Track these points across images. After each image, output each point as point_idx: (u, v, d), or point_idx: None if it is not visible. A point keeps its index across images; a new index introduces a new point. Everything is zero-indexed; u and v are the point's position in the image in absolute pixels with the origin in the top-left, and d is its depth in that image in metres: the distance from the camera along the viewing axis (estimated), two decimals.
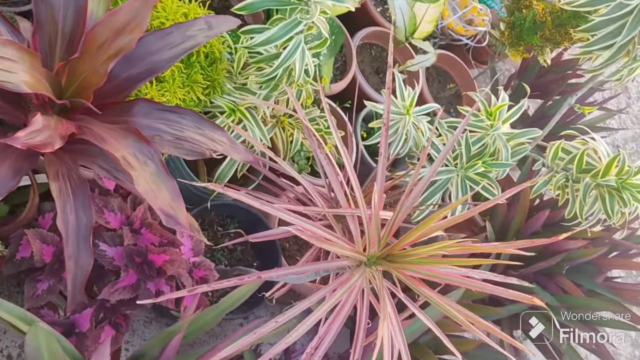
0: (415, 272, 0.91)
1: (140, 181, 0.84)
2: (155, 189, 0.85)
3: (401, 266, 0.91)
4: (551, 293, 1.73)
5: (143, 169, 0.85)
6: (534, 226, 1.73)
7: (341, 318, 0.89)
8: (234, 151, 1.03)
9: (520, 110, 1.47)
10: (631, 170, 1.34)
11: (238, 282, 0.85)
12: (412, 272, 0.91)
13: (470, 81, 2.26)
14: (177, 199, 0.88)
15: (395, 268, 0.92)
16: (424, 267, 0.91)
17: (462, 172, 1.45)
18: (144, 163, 0.86)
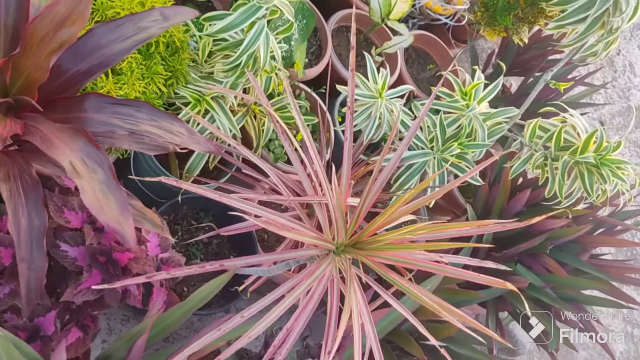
0: (383, 258, 0.88)
1: (87, 191, 0.80)
2: (102, 200, 0.81)
3: (369, 253, 0.88)
4: (536, 273, 1.71)
5: (91, 177, 0.81)
6: (516, 207, 1.70)
7: (309, 309, 0.86)
8: (194, 142, 0.99)
9: (496, 89, 1.44)
10: (609, 145, 1.31)
11: (199, 270, 0.81)
12: (380, 259, 0.88)
13: (451, 61, 2.22)
14: (125, 212, 0.83)
15: (364, 255, 0.88)
16: (391, 253, 0.88)
17: (438, 154, 1.42)
18: (93, 170, 0.82)
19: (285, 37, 1.55)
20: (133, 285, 1.09)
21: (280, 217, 0.84)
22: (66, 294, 1.03)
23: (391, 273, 0.88)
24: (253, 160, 1.27)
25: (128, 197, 1.02)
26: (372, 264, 0.88)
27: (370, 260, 0.88)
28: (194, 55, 1.35)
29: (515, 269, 1.70)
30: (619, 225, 1.82)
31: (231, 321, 0.81)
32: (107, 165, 0.84)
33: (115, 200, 0.86)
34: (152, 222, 1.03)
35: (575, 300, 1.75)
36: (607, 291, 1.72)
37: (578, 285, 1.69)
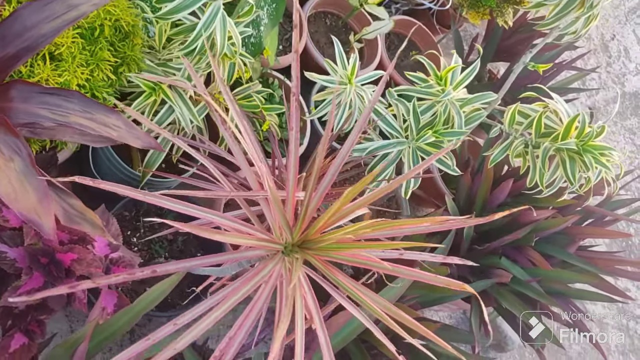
0: (331, 257, 0.80)
1: (2, 180, 0.73)
2: (18, 190, 0.74)
3: (317, 253, 0.81)
4: (522, 267, 1.63)
5: (7, 165, 0.74)
6: (499, 197, 1.62)
7: (254, 314, 0.79)
8: (132, 136, 0.92)
9: (473, 73, 1.36)
10: (592, 131, 1.23)
11: (128, 278, 0.74)
12: (329, 258, 0.81)
13: (434, 47, 2.13)
14: (45, 201, 0.77)
15: (312, 255, 0.81)
16: (337, 253, 0.80)
17: (413, 143, 1.34)
18: (9, 159, 0.75)
19: (253, 22, 1.47)
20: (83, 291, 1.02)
21: (217, 216, 0.77)
22: (3, 298, 0.96)
23: (339, 275, 0.80)
24: (218, 153, 1.21)
25: (66, 196, 0.95)
26: (319, 265, 0.80)
27: (318, 260, 0.80)
28: (151, 42, 1.27)
29: (499, 262, 1.63)
30: (608, 216, 1.74)
31: (162, 330, 0.73)
32: (25, 153, 0.77)
33: (34, 189, 0.79)
34: (91, 224, 0.95)
35: (563, 294, 1.67)
36: (596, 284, 1.64)
37: (565, 279, 1.61)
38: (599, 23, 3.39)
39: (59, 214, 0.93)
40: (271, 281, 0.80)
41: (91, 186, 1.43)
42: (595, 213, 1.76)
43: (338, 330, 1.27)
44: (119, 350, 1.39)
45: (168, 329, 0.74)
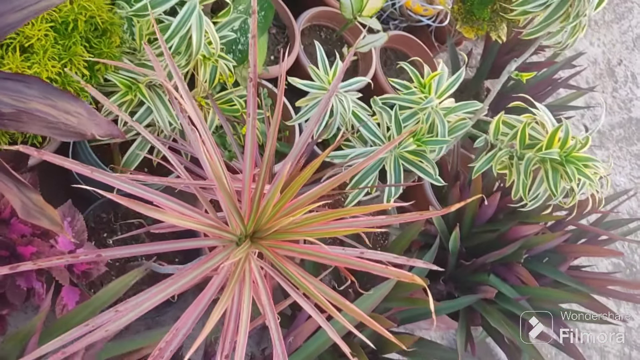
0: (284, 249, 0.78)
1: None
2: None
3: (270, 244, 0.78)
4: (511, 285, 1.59)
5: None
6: (487, 212, 1.59)
7: (197, 312, 0.76)
8: (93, 124, 0.90)
9: (458, 81, 1.34)
10: (576, 142, 1.20)
11: (71, 260, 0.72)
12: (282, 251, 0.78)
13: (431, 62, 2.12)
14: None
15: (265, 246, 0.78)
16: (291, 244, 0.78)
17: (396, 151, 1.31)
18: None
19: (240, 29, 1.47)
20: (38, 282, 1.00)
21: (169, 201, 0.75)
22: None
23: (289, 265, 0.77)
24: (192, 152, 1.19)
25: (26, 189, 0.94)
26: (269, 255, 0.77)
27: (269, 251, 0.77)
28: (134, 44, 1.27)
29: (488, 279, 1.58)
30: (603, 235, 1.70)
31: (103, 316, 0.71)
32: None
33: None
34: (50, 219, 0.93)
35: (553, 314, 1.62)
36: (587, 304, 1.59)
37: (555, 298, 1.56)
38: (606, 48, 3.37)
39: (18, 207, 0.92)
40: (222, 272, 0.77)
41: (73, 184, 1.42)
42: (589, 232, 1.71)
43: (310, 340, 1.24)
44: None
45: (109, 315, 0.72)
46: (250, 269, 0.76)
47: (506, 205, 1.66)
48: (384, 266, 0.78)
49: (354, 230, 0.79)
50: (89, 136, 0.97)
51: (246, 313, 0.74)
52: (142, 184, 0.82)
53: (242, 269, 0.76)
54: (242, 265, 0.76)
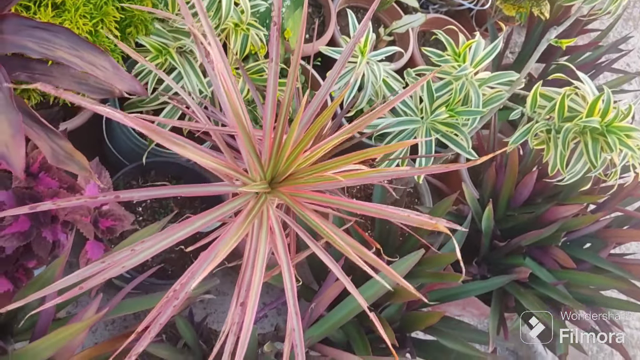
0: (303, 197, 0.76)
1: None
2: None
3: (291, 191, 0.76)
4: (548, 269, 1.53)
5: None
6: (524, 193, 1.53)
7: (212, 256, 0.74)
8: (118, 79, 0.91)
9: (495, 50, 1.29)
10: (617, 111, 1.14)
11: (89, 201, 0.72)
12: (300, 198, 0.76)
13: None
14: (17, 136, 0.77)
15: (286, 193, 0.76)
16: (309, 191, 0.75)
17: (427, 122, 1.28)
18: None
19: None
20: (63, 234, 1.01)
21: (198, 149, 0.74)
22: None
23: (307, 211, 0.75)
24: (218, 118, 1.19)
25: (55, 137, 0.95)
26: (288, 200, 0.75)
27: (287, 196, 0.75)
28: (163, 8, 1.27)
29: (523, 263, 1.53)
30: None
31: (120, 254, 0.70)
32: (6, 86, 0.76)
33: (9, 122, 0.78)
34: (79, 165, 0.94)
35: (593, 302, 1.55)
36: (628, 292, 1.52)
37: (594, 283, 1.50)
38: None
39: (47, 153, 0.93)
40: (240, 218, 0.76)
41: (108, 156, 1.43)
42: (634, 218, 1.64)
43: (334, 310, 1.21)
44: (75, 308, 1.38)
45: (126, 253, 0.71)
46: (268, 216, 0.75)
47: (544, 188, 1.60)
48: (406, 214, 0.75)
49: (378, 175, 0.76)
50: (116, 93, 0.98)
51: (261, 259, 0.72)
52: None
53: (260, 214, 0.74)
54: (260, 210, 0.74)
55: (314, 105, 0.81)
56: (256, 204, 0.73)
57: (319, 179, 0.73)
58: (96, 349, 0.92)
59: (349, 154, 0.75)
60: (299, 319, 0.75)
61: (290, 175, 0.76)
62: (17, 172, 0.77)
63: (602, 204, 1.58)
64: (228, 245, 0.68)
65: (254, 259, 0.73)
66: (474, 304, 1.67)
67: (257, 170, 0.76)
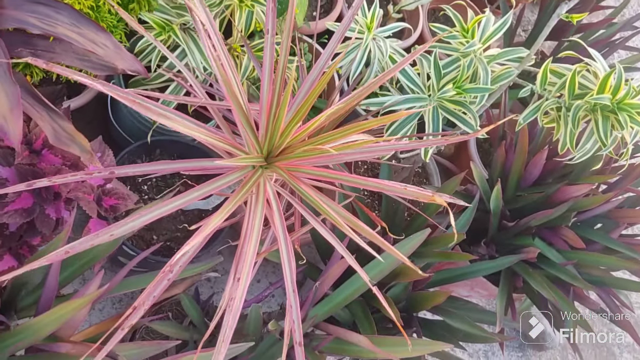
0: (300, 172, 0.75)
1: None
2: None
3: (287, 165, 0.75)
4: (557, 249, 1.51)
5: None
6: (533, 172, 1.51)
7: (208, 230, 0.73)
8: (119, 57, 0.90)
9: (505, 26, 1.27)
10: (629, 87, 1.12)
11: (85, 177, 0.71)
12: (297, 172, 0.75)
13: None
14: (16, 110, 0.77)
15: (282, 167, 0.75)
16: (306, 165, 0.74)
17: (435, 99, 1.26)
18: None
19: None
20: (66, 212, 1.01)
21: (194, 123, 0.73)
22: None
23: (302, 184, 0.74)
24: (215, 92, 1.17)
25: (57, 117, 0.94)
26: (286, 176, 0.74)
27: (287, 174, 0.74)
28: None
29: (533, 243, 1.51)
30: None
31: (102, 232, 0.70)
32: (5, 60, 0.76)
33: (6, 95, 0.78)
34: (80, 147, 0.94)
35: (603, 282, 1.53)
36: (638, 272, 1.50)
37: (604, 264, 1.48)
38: None
39: (49, 133, 0.93)
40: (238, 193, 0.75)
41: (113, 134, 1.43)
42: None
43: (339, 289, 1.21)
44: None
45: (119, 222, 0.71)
46: (265, 190, 0.74)
47: (554, 168, 1.58)
48: (403, 187, 0.73)
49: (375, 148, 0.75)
50: (119, 70, 0.97)
51: (256, 232, 0.71)
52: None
53: (257, 187, 0.73)
54: (255, 183, 0.73)
55: (312, 77, 0.79)
56: (251, 178, 0.73)
57: (312, 152, 0.72)
58: (99, 327, 0.93)
59: (346, 125, 0.73)
60: (296, 296, 0.75)
61: (285, 149, 0.75)
62: (14, 144, 0.77)
63: (613, 183, 1.56)
64: (219, 216, 0.67)
65: (250, 233, 0.73)
66: (482, 285, 1.66)
67: (254, 145, 0.75)
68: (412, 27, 1.93)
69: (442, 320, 1.37)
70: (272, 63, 0.77)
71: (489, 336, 1.30)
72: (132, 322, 0.73)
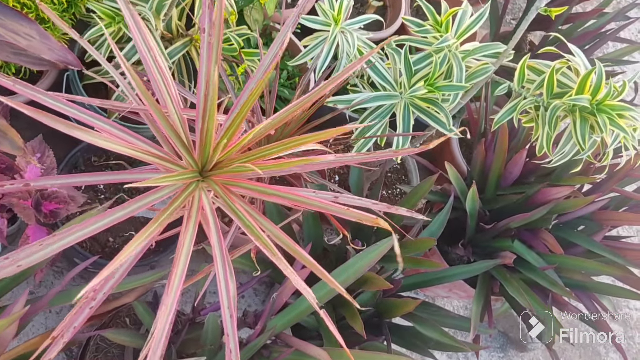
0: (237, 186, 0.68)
1: None
2: None
3: (225, 180, 0.68)
4: (538, 253, 1.45)
5: None
6: (514, 172, 1.44)
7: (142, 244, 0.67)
8: (46, 48, 0.83)
9: (481, 20, 1.19)
10: (610, 87, 1.04)
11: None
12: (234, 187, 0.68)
13: None
14: None
15: (218, 182, 0.68)
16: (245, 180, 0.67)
17: (406, 97, 1.19)
18: None
19: None
20: (1, 219, 0.94)
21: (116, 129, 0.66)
22: None
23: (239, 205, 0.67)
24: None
25: None
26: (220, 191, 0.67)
27: (222, 189, 0.67)
28: None
29: (512, 246, 1.44)
30: None
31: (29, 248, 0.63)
32: None
33: None
34: (11, 143, 0.87)
35: (585, 287, 1.47)
36: (622, 278, 1.43)
37: (586, 269, 1.41)
38: None
39: None
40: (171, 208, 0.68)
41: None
42: (632, 200, 1.54)
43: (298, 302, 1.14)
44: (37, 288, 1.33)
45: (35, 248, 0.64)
46: (199, 207, 0.67)
47: (536, 168, 1.51)
48: (345, 208, 0.66)
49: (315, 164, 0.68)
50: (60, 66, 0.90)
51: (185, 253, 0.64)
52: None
53: (190, 204, 0.66)
54: (188, 199, 0.66)
55: (257, 78, 0.72)
56: (182, 194, 0.66)
57: (242, 169, 0.65)
58: (31, 344, 0.87)
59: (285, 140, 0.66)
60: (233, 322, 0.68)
61: (220, 162, 0.68)
62: None
63: (598, 185, 1.49)
64: (137, 242, 0.60)
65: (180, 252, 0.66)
66: (461, 287, 1.60)
67: (185, 158, 0.68)
68: (394, 16, 1.85)
69: (414, 327, 1.31)
70: (209, 67, 0.70)
71: (460, 346, 1.24)
72: (52, 356, 0.67)
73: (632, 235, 1.83)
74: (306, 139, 0.71)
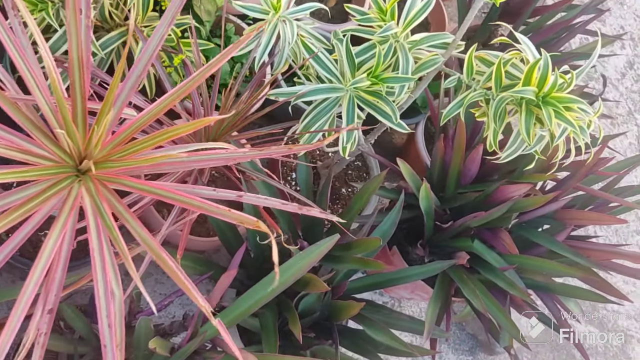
0: (114, 182, 0.62)
1: None
2: None
3: (102, 175, 0.62)
4: (499, 253, 1.39)
5: None
6: (471, 169, 1.38)
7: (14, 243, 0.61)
8: None
9: (427, 9, 1.13)
10: (555, 78, 0.99)
11: None
12: (111, 183, 0.62)
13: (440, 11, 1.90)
14: None
15: (94, 178, 0.63)
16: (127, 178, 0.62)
17: (350, 89, 1.13)
18: None
19: None
20: None
21: None
22: None
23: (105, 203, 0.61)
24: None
25: None
26: (92, 189, 0.62)
27: (95, 187, 0.62)
28: None
29: (471, 246, 1.39)
30: (614, 202, 1.47)
31: None
32: None
33: None
34: None
35: (547, 289, 1.42)
36: (585, 279, 1.38)
37: (547, 270, 1.36)
38: None
39: None
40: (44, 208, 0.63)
41: None
42: (598, 199, 1.49)
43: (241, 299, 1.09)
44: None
45: None
46: (72, 205, 0.61)
47: (498, 165, 1.45)
48: (223, 208, 0.61)
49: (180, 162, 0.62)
50: None
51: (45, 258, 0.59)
52: None
53: (62, 203, 0.61)
54: (60, 197, 0.61)
55: (140, 67, 0.66)
56: (47, 191, 0.60)
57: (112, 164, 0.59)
58: None
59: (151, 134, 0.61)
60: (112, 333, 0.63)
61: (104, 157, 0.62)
62: None
63: (561, 182, 1.43)
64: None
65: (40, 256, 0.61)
66: (422, 288, 1.54)
67: (54, 152, 0.62)
68: (359, 5, 1.80)
69: (364, 331, 1.26)
70: (80, 53, 0.64)
71: (409, 351, 1.19)
72: None
73: (609, 234, 1.76)
74: (162, 135, 0.65)
